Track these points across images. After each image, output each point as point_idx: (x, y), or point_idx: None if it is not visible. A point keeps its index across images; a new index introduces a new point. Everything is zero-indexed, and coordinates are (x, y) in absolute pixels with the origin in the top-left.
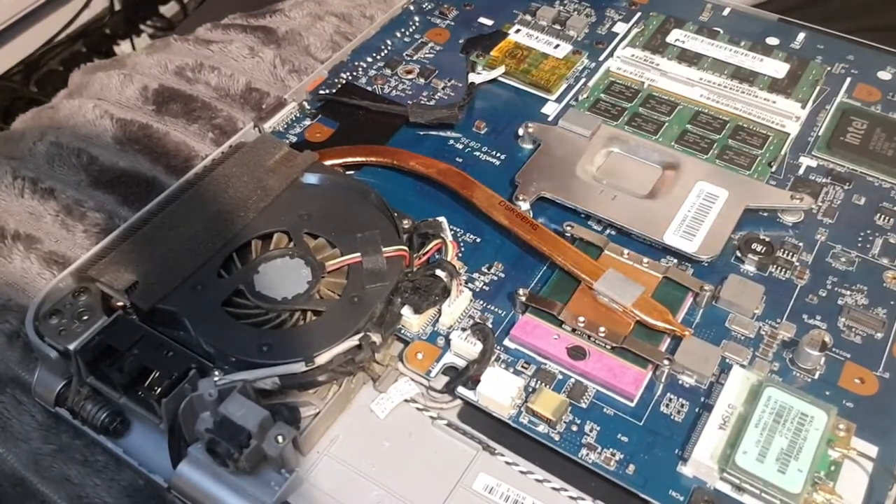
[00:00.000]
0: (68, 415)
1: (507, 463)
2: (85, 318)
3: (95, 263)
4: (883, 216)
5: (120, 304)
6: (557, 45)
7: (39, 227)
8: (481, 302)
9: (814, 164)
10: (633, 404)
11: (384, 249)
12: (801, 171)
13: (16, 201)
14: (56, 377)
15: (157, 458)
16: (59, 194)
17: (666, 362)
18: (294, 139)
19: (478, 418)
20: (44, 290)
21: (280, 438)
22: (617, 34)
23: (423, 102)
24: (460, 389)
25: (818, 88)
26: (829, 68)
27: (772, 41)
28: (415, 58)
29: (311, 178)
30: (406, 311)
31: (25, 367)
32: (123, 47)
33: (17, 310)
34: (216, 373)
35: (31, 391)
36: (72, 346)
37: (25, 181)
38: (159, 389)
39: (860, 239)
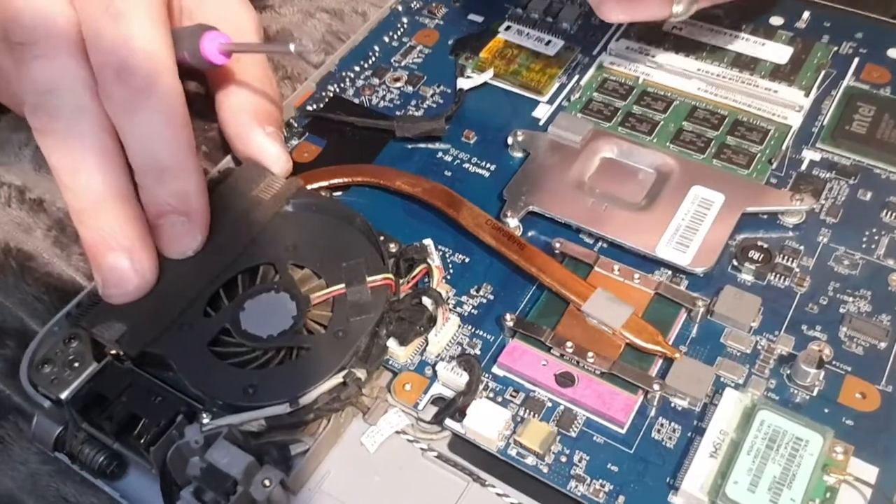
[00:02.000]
0: (67, 459)
1: (498, 494)
2: (76, 365)
3: (88, 310)
4: (890, 212)
5: (111, 350)
6: (549, 42)
7: (30, 242)
8: (469, 327)
9: (817, 157)
10: (623, 431)
11: (369, 279)
12: (803, 166)
13: (2, 211)
14: (53, 423)
15: (154, 499)
16: (48, 206)
17: (657, 387)
18: None
19: (468, 449)
20: (37, 337)
21: (267, 482)
22: (611, 24)
23: (410, 114)
24: (449, 421)
25: (823, 72)
26: (835, 48)
27: (776, 21)
28: (403, 63)
29: (296, 206)
30: (392, 343)
31: (26, 398)
32: None
33: (15, 334)
34: (205, 416)
35: (31, 420)
36: (63, 395)
37: (12, 189)
38: (148, 437)
39: (865, 238)
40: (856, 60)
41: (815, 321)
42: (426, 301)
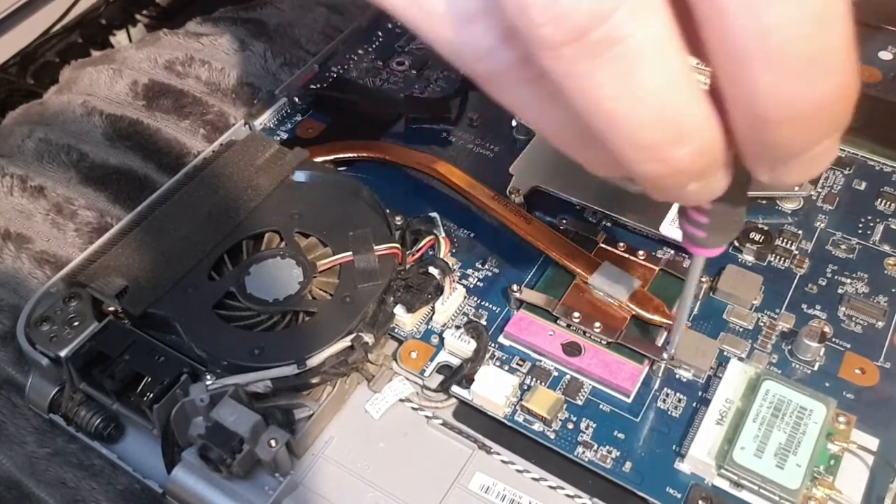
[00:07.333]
0: (62, 421)
1: (504, 462)
2: (76, 324)
3: (86, 268)
4: (884, 201)
5: (111, 309)
6: None
7: (30, 227)
8: (475, 298)
9: None
10: (629, 400)
11: (376, 248)
12: None
13: (5, 199)
14: (49, 383)
15: (151, 462)
16: (49, 192)
17: (664, 356)
18: (285, 135)
19: (473, 417)
20: (34, 296)
21: (273, 442)
22: None
23: (415, 95)
24: (455, 388)
25: None
26: None
27: None
28: (406, 49)
29: (302, 176)
30: (399, 310)
31: (20, 369)
32: (119, 37)
33: (10, 310)
34: (208, 377)
35: (24, 393)
36: (63, 353)
37: (14, 178)
38: (151, 395)
39: (861, 225)
40: None
41: (814, 300)
42: (433, 271)
